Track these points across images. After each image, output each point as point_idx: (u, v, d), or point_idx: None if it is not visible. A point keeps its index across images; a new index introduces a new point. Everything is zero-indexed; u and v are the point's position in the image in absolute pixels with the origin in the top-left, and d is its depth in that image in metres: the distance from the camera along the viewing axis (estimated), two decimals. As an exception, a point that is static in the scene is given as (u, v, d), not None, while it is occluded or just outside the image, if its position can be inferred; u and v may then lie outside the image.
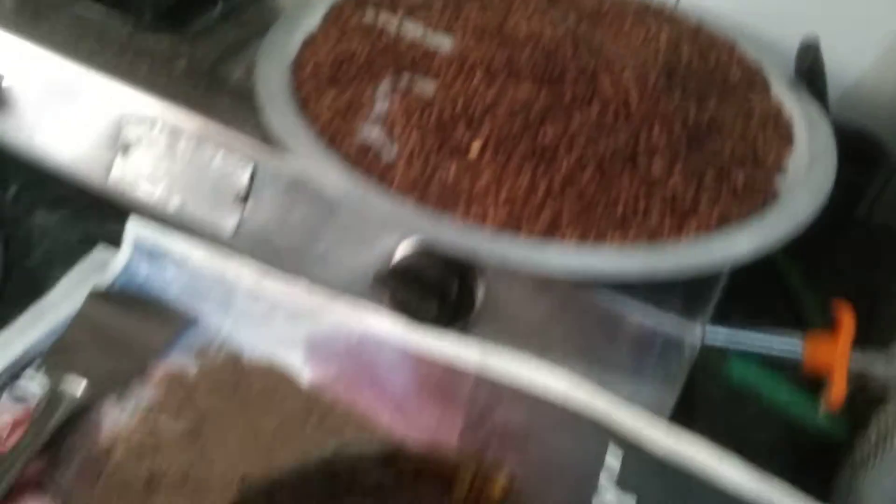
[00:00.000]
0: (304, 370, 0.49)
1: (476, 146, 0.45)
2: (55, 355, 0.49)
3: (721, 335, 0.42)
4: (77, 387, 0.47)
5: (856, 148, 0.54)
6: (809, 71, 0.53)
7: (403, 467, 0.42)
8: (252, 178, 0.49)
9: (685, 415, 0.43)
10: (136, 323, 0.51)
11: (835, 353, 0.42)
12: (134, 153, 0.51)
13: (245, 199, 0.49)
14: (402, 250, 0.45)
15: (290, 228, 0.49)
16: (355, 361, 0.48)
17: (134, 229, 0.54)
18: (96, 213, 0.57)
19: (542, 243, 0.41)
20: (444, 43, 0.53)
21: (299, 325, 0.50)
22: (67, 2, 0.58)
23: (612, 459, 0.43)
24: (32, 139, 0.55)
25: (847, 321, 0.42)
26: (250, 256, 0.51)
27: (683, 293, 0.43)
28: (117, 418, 0.46)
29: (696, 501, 0.40)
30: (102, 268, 0.54)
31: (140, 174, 0.52)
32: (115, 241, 0.55)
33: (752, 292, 0.47)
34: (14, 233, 0.56)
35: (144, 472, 0.44)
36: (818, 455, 0.44)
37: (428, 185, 0.43)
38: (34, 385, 0.47)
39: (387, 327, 0.47)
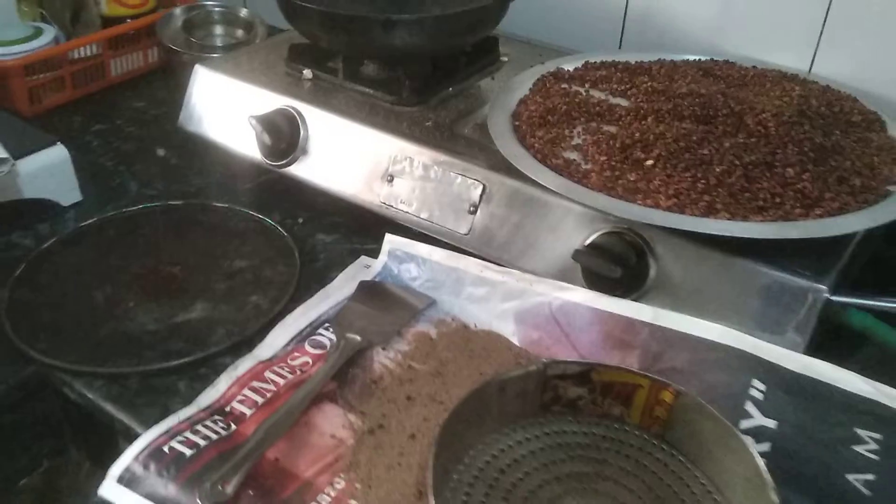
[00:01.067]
0: (514, 337, 0.65)
1: (650, 161, 0.62)
2: (339, 320, 0.68)
3: (844, 294, 0.55)
4: (355, 339, 0.65)
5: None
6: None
7: (595, 384, 0.57)
8: (482, 194, 0.68)
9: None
10: (392, 302, 0.69)
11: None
12: (396, 182, 0.72)
13: (475, 210, 0.68)
14: (591, 236, 0.62)
15: (506, 230, 0.67)
16: (553, 327, 0.64)
17: (389, 240, 0.73)
18: (358, 235, 0.78)
19: (701, 218, 0.56)
20: (621, 102, 0.72)
21: (510, 303, 0.66)
22: (347, 87, 0.81)
23: (757, 392, 0.55)
24: (324, 178, 0.77)
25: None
26: (475, 254, 0.69)
27: (813, 262, 0.57)
28: (383, 361, 0.64)
29: (823, 411, 0.52)
30: (365, 269, 0.74)
31: (400, 196, 0.72)
32: (370, 254, 0.74)
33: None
34: (303, 247, 0.77)
35: (404, 393, 0.61)
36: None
37: (615, 186, 0.60)
38: (326, 338, 0.66)
39: (579, 297, 0.63)
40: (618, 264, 0.59)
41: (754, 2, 0.83)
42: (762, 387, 0.55)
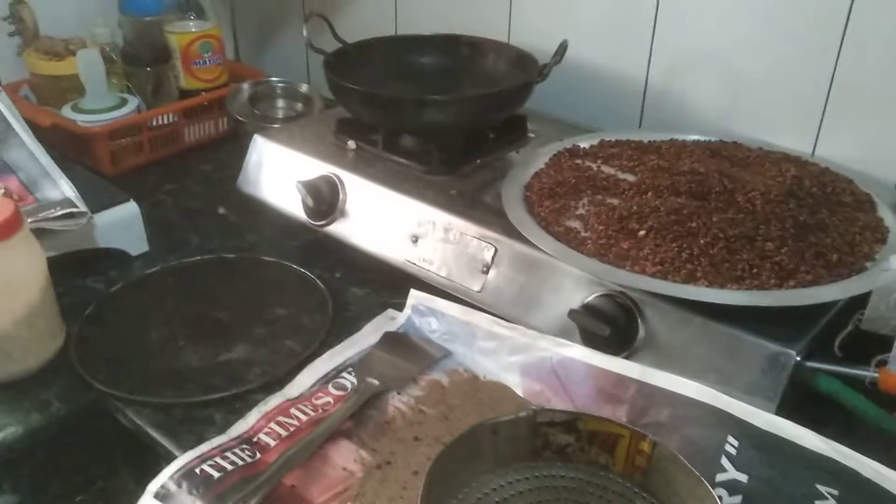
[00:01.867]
0: (518, 388, 0.71)
1: (642, 231, 0.68)
2: (361, 366, 0.75)
3: (815, 360, 0.60)
4: (374, 383, 0.72)
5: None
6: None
7: (582, 432, 0.62)
8: (493, 256, 0.75)
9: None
10: (412, 351, 0.76)
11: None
12: (420, 242, 0.80)
13: (487, 270, 0.75)
14: (587, 298, 0.68)
15: (514, 290, 0.74)
16: (553, 379, 0.70)
17: (414, 295, 0.80)
18: (387, 290, 0.86)
19: (682, 284, 0.62)
20: (628, 177, 0.78)
21: (516, 356, 0.72)
22: (385, 157, 0.90)
23: (731, 447, 0.60)
24: (359, 237, 0.85)
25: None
26: (488, 310, 0.75)
27: (787, 329, 0.61)
28: (397, 404, 0.71)
29: (788, 467, 0.56)
30: (391, 321, 0.81)
31: (423, 256, 0.80)
32: (396, 308, 0.82)
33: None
34: (338, 298, 0.85)
35: (412, 434, 0.68)
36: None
37: (608, 253, 0.67)
38: (348, 381, 0.73)
39: (575, 353, 0.68)
40: (608, 324, 0.65)
41: (761, 86, 0.89)
42: (735, 442, 0.60)
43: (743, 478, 0.58)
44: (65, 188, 0.87)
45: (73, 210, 0.84)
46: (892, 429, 0.58)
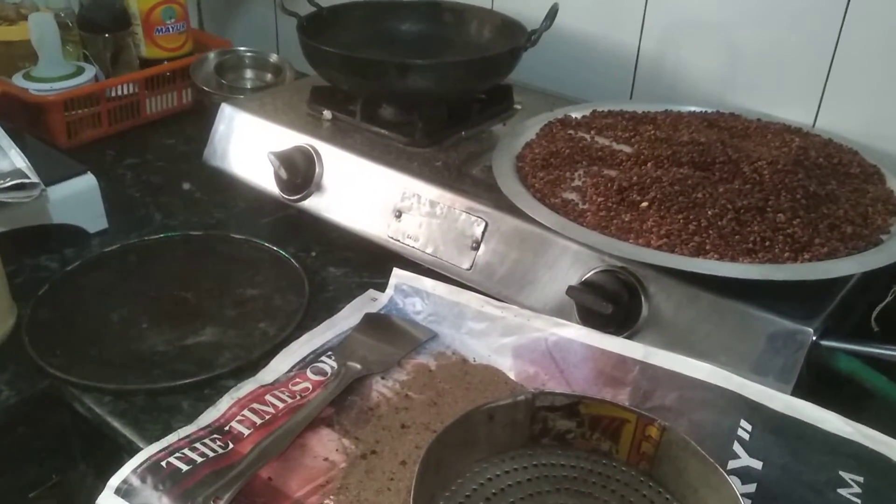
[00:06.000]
0: (511, 371, 0.67)
1: (644, 203, 0.63)
2: (342, 349, 0.70)
3: (832, 338, 0.56)
4: (356, 367, 0.67)
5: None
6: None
7: (583, 417, 0.58)
8: (484, 231, 0.70)
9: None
10: (395, 334, 0.71)
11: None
12: (404, 217, 0.75)
13: (478, 246, 0.70)
14: (586, 274, 0.64)
15: (506, 266, 0.69)
16: (548, 362, 0.65)
17: (397, 275, 0.75)
18: (368, 270, 0.80)
19: (690, 258, 0.58)
20: (624, 148, 0.74)
21: (509, 338, 0.68)
22: (364, 127, 0.85)
23: (744, 432, 0.56)
24: (337, 212, 0.80)
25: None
26: (478, 288, 0.71)
27: (803, 305, 0.58)
28: (381, 389, 0.66)
29: (808, 452, 0.52)
30: (372, 302, 0.76)
31: (407, 232, 0.74)
32: (378, 288, 0.77)
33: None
34: (314, 278, 0.80)
35: (399, 421, 0.63)
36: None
37: (609, 226, 0.62)
38: (327, 366, 0.68)
39: (573, 333, 0.64)
40: (610, 301, 0.61)
41: (760, 56, 0.85)
42: (749, 427, 0.56)
43: (757, 465, 0.55)
44: (15, 158, 0.81)
45: (25, 181, 0.77)
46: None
